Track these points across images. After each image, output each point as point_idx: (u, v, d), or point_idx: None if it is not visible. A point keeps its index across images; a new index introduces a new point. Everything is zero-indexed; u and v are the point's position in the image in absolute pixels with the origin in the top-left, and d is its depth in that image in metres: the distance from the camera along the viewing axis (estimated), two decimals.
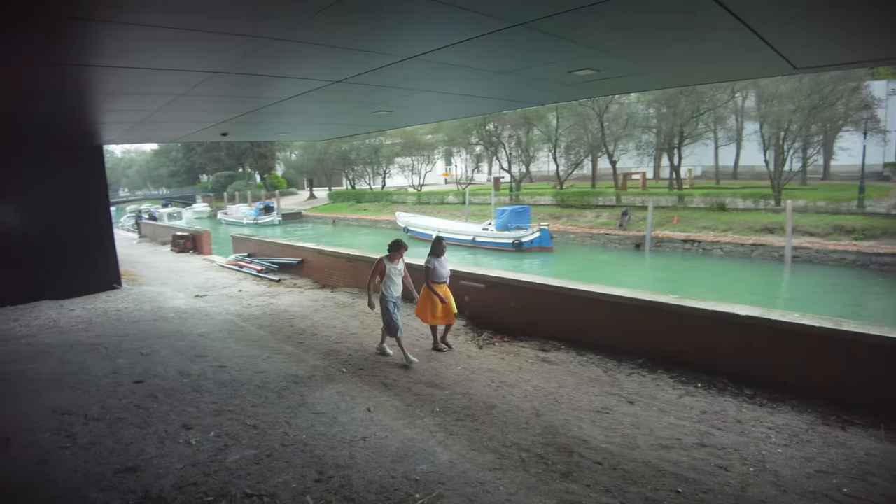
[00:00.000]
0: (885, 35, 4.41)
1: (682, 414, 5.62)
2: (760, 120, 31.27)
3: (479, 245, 29.69)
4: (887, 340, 5.39)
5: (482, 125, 42.43)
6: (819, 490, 4.28)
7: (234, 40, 4.09)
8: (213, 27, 3.72)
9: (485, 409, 5.80)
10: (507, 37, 3.94)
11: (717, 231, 26.65)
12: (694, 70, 5.94)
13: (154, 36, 3.84)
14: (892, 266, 21.10)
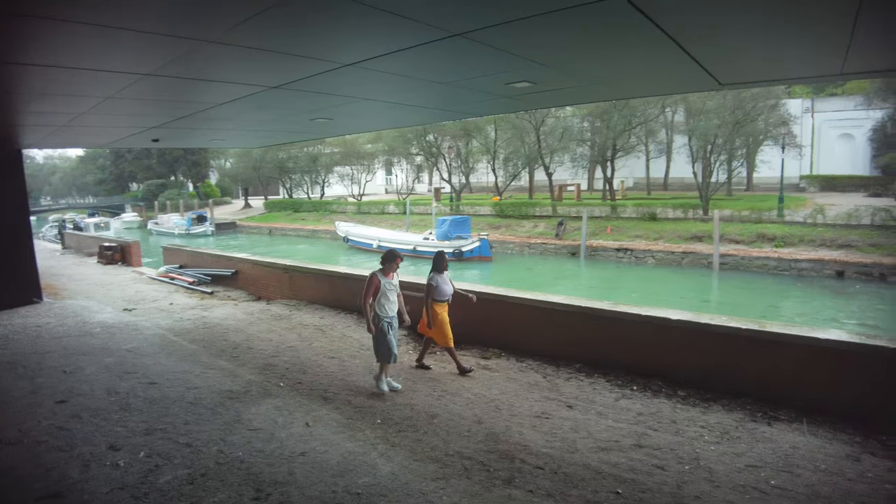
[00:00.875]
0: (802, 55, 4.72)
1: (620, 416, 5.77)
2: (689, 134, 32.82)
3: (420, 255, 29.67)
4: (808, 340, 5.75)
5: (422, 136, 42.60)
6: (749, 483, 4.49)
7: (166, 41, 3.94)
8: (142, 26, 3.57)
9: (427, 419, 5.78)
10: (447, 47, 3.96)
11: (649, 240, 27.67)
12: (627, 84, 6.15)
13: (77, 33, 3.63)
14: (809, 271, 22.68)
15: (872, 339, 5.75)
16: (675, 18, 3.56)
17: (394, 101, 6.85)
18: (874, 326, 16.84)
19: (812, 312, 18.57)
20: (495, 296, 8.16)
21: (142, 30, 3.63)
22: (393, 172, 61.24)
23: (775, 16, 3.55)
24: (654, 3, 3.23)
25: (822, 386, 5.74)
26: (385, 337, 6.54)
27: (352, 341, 8.65)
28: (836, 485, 4.49)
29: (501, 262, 28.48)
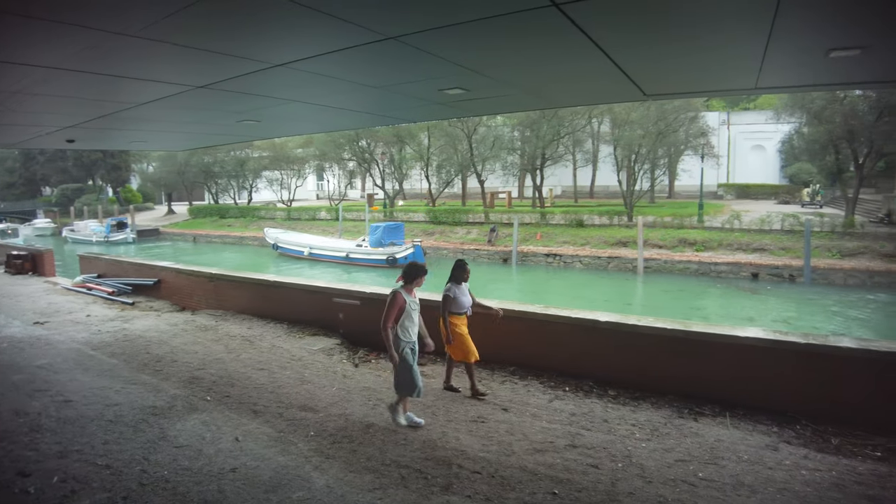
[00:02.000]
0: (721, 70, 4.98)
1: (554, 417, 5.88)
2: (614, 143, 34.17)
3: (353, 261, 29.36)
4: (727, 338, 6.08)
5: (355, 141, 42.16)
6: (678, 477, 4.68)
7: (76, 32, 3.67)
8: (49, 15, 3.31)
9: (362, 429, 5.67)
10: (380, 50, 3.93)
11: (577, 245, 28.51)
12: (557, 93, 6.29)
13: None
14: (727, 273, 24.09)
15: (784, 335, 6.15)
16: (604, 30, 3.66)
17: (325, 105, 6.72)
18: (785, 322, 18.00)
19: (731, 312, 19.64)
20: (429, 302, 8.12)
21: (49, 18, 3.37)
22: (325, 178, 60.24)
23: (696, 35, 3.72)
24: (585, 15, 3.31)
25: (741, 381, 6.07)
26: (408, 365, 5.65)
27: (282, 352, 8.41)
28: (758, 473, 4.77)
29: (436, 268, 28.29)
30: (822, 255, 23.85)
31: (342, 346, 8.71)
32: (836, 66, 4.47)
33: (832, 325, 18.00)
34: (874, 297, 21.30)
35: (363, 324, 8.87)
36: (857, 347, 5.79)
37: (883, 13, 3.32)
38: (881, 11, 3.30)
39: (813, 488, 4.54)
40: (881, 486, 4.57)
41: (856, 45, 3.84)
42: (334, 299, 9.14)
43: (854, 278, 22.64)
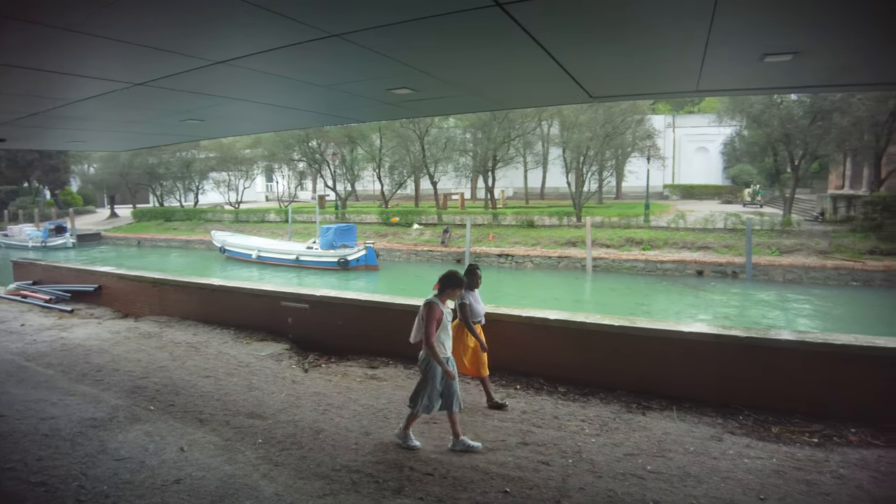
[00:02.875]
0: (663, 73, 5.10)
1: (505, 416, 5.91)
2: (563, 146, 34.74)
3: (304, 264, 28.86)
4: (672, 334, 6.26)
5: (305, 141, 41.53)
6: (628, 471, 4.77)
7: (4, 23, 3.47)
8: None
9: (312, 435, 5.56)
10: (324, 48, 3.85)
11: (528, 245, 28.89)
12: (505, 95, 6.32)
13: None
14: (673, 271, 24.85)
15: (726, 329, 6.36)
16: (548, 31, 3.69)
17: (271, 103, 6.58)
18: (727, 318, 18.65)
19: (676, 308, 20.24)
20: (381, 303, 8.08)
21: None
22: (274, 179, 59.14)
23: (636, 37, 3.79)
24: (528, 15, 3.33)
25: (686, 374, 6.25)
26: (434, 381, 5.18)
27: (228, 358, 8.18)
28: (703, 464, 4.91)
29: (389, 270, 28.37)
30: (762, 253, 24.88)
31: (291, 351, 8.54)
32: (771, 71, 4.64)
33: (768, 319, 18.77)
34: (810, 291, 22.37)
35: (313, 328, 8.74)
36: (794, 339, 6.07)
37: (811, 22, 3.46)
38: (810, 20, 3.44)
39: (755, 476, 4.71)
40: (818, 471, 4.79)
41: (788, 51, 3.99)
42: (282, 303, 8.96)
43: (792, 274, 23.73)
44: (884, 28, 3.43)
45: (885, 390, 5.74)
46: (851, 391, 5.84)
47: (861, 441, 5.42)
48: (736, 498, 4.38)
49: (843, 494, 4.43)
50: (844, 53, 4.03)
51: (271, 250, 30.72)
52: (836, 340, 6.01)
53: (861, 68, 4.51)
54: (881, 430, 5.58)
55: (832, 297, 21.67)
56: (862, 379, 5.81)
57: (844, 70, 4.47)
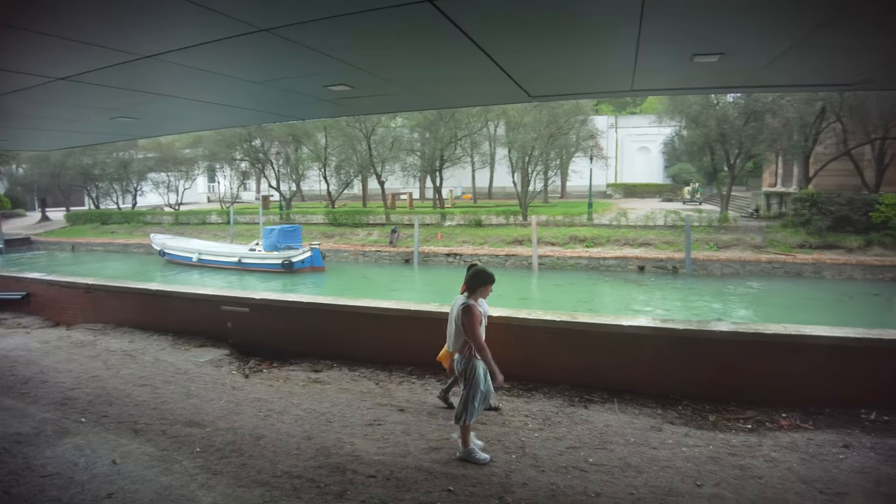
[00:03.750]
0: (598, 73, 5.19)
1: (449, 414, 5.88)
2: (509, 146, 35.12)
3: (246, 267, 28.15)
4: (613, 328, 6.39)
5: (247, 140, 40.55)
6: (570, 464, 4.84)
7: None
8: None
9: (252, 442, 5.40)
10: (255, 44, 3.73)
11: (476, 244, 29.12)
12: (444, 94, 6.29)
13: None
14: (615, 267, 25.50)
15: (664, 322, 6.54)
16: (481, 29, 3.68)
17: (206, 101, 6.35)
18: (667, 311, 19.27)
19: (619, 303, 20.77)
20: (324, 305, 7.96)
21: None
22: (216, 179, 57.51)
23: (569, 37, 3.83)
24: (461, 13, 3.31)
25: (627, 367, 6.38)
26: (480, 384, 4.88)
27: (166, 365, 7.88)
28: (644, 454, 5.03)
29: (335, 271, 28.02)
30: (701, 248, 25.84)
31: (232, 357, 8.29)
32: (701, 71, 4.77)
33: (706, 312, 19.46)
34: (746, 284, 23.38)
35: (254, 332, 8.51)
36: (728, 330, 6.30)
37: (737, 23, 3.57)
38: (736, 22, 3.54)
39: (692, 463, 4.86)
40: (751, 456, 4.99)
41: (715, 51, 4.12)
42: (222, 307, 8.70)
43: (729, 268, 24.74)
44: (802, 32, 3.56)
45: (811, 375, 6.06)
46: (782, 378, 6.12)
47: (791, 425, 5.68)
48: (674, 486, 4.50)
49: (775, 476, 4.62)
50: (767, 55, 4.18)
51: (213, 253, 29.86)
52: (767, 330, 6.29)
53: (783, 70, 4.69)
54: (810, 413, 5.87)
55: (766, 289, 22.72)
56: (791, 366, 6.10)
57: (768, 71, 4.64)
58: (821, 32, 3.49)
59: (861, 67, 4.68)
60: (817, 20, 3.29)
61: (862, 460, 4.89)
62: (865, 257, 24.15)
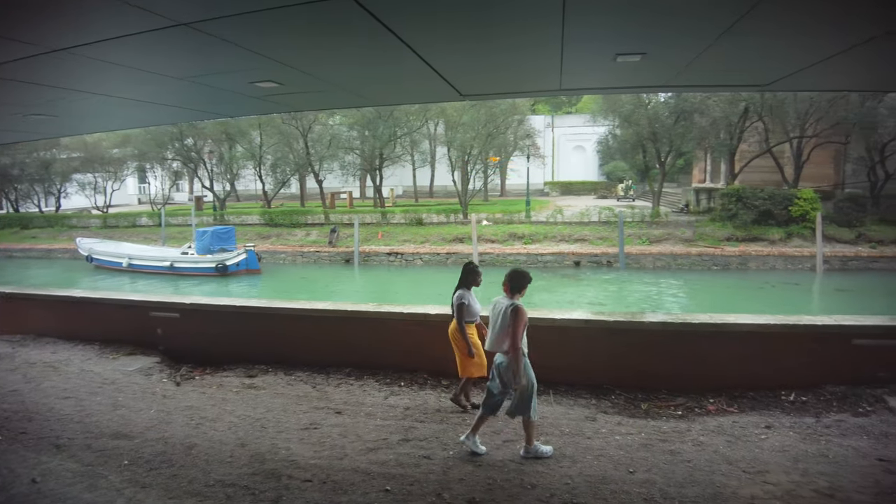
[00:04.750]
0: (527, 73, 5.26)
1: (388, 414, 5.89)
2: (448, 145, 35.26)
3: (179, 271, 27.12)
4: (548, 321, 6.58)
5: (178, 139, 39.07)
6: (507, 458, 4.93)
7: None
8: None
9: (183, 451, 5.22)
10: (173, 38, 3.58)
11: (417, 243, 29.11)
12: (374, 91, 6.21)
13: None
14: (553, 263, 26.08)
15: (596, 315, 6.75)
16: (410, 29, 3.66)
17: (127, 97, 6.06)
18: (601, 304, 19.82)
19: (555, 298, 21.24)
20: (258, 308, 7.78)
21: None
22: (146, 180, 55.15)
23: (494, 36, 3.87)
24: (387, 12, 3.28)
25: (562, 360, 6.51)
26: (533, 378, 5.02)
27: (92, 376, 7.51)
28: (578, 444, 5.18)
29: (272, 273, 27.39)
30: (634, 243, 26.73)
31: (163, 364, 7.99)
32: (626, 71, 4.91)
33: (639, 304, 20.15)
34: (677, 276, 24.35)
35: (185, 338, 8.23)
36: (657, 321, 6.56)
37: (656, 24, 3.68)
38: (655, 23, 3.66)
39: (625, 451, 5.03)
40: (681, 441, 5.21)
41: (638, 51, 4.24)
42: (151, 313, 8.38)
43: (661, 261, 25.72)
44: (716, 34, 3.71)
45: (736, 361, 6.39)
46: (709, 365, 6.43)
47: (718, 409, 5.97)
48: (608, 474, 4.64)
49: (702, 459, 4.85)
50: (686, 56, 4.34)
51: (144, 257, 28.63)
52: (694, 320, 6.60)
53: (702, 71, 4.88)
54: (735, 397, 6.18)
55: (696, 280, 23.71)
56: (717, 353, 6.41)
57: (688, 71, 4.81)
58: (732, 35, 3.64)
59: (774, 69, 4.92)
60: (727, 23, 3.44)
61: (782, 439, 5.20)
62: (786, 248, 25.59)
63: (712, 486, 4.41)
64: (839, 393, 6.12)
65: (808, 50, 4.18)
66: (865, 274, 23.96)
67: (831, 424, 5.48)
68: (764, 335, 6.39)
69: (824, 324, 6.46)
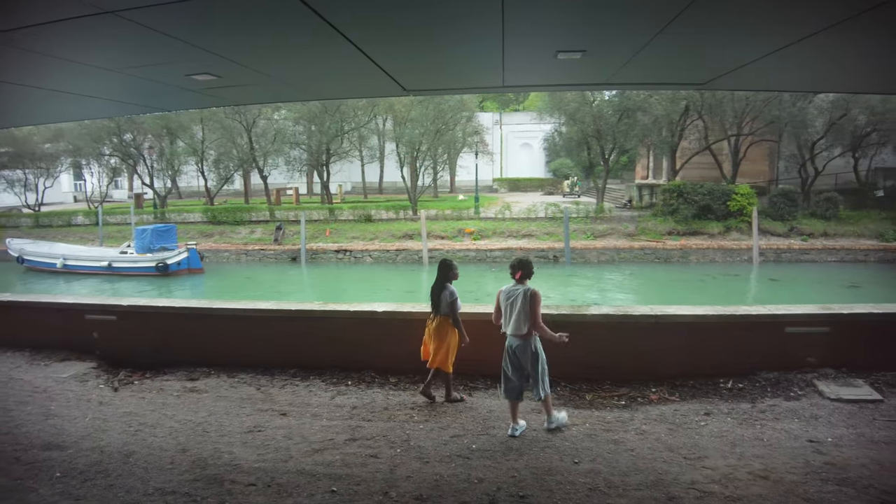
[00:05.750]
0: (470, 69, 5.27)
1: (334, 414, 5.82)
2: (396, 140, 35.10)
3: (117, 271, 26.08)
4: (487, 316, 6.48)
5: (116, 134, 37.44)
6: (454, 452, 4.93)
7: None
8: None
9: (121, 460, 4.99)
10: (101, 26, 3.41)
11: (366, 240, 28.92)
12: (319, 85, 6.12)
13: None
14: (501, 258, 26.15)
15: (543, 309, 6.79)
16: (350, 23, 3.61)
17: (55, 89, 5.74)
18: (546, 297, 20.12)
19: None
20: (199, 309, 7.55)
21: None
22: (83, 177, 52.67)
23: (435, 33, 3.86)
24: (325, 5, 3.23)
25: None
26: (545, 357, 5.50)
27: (21, 384, 7.11)
28: (524, 436, 5.26)
29: (216, 272, 26.65)
30: (579, 238, 27.35)
31: (99, 370, 7.61)
32: (567, 68, 4.97)
33: (583, 297, 20.60)
34: (620, 270, 25.08)
35: (123, 341, 7.89)
36: (598, 314, 6.72)
37: (596, 21, 3.75)
38: (594, 20, 3.72)
39: (570, 442, 5.13)
40: (624, 430, 5.35)
41: (578, 48, 4.30)
42: (87, 316, 8.00)
43: (605, 255, 26.40)
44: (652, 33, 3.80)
45: (676, 351, 6.63)
46: (650, 355, 6.63)
47: (660, 398, 6.15)
48: (553, 465, 4.72)
49: (645, 448, 4.99)
50: (624, 54, 4.44)
51: (80, 258, 27.37)
52: (635, 311, 6.78)
53: (641, 69, 5.00)
54: (676, 386, 6.39)
55: (638, 274, 24.41)
56: (658, 343, 6.61)
57: (627, 69, 4.92)
58: (668, 34, 3.74)
59: (711, 68, 5.09)
60: (664, 22, 3.53)
61: (720, 425, 5.40)
62: (725, 241, 26.67)
63: (654, 474, 4.54)
64: (773, 379, 6.41)
65: (742, 50, 4.35)
66: (797, 265, 25.29)
67: (766, 409, 5.73)
68: (702, 325, 6.63)
69: (759, 313, 6.76)
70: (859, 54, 4.39)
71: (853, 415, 5.56)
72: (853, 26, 3.40)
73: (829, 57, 4.49)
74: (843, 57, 4.49)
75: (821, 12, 3.32)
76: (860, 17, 3.20)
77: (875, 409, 5.69)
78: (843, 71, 5.20)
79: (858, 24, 3.36)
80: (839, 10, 3.22)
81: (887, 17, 3.28)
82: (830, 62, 4.75)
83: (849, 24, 3.36)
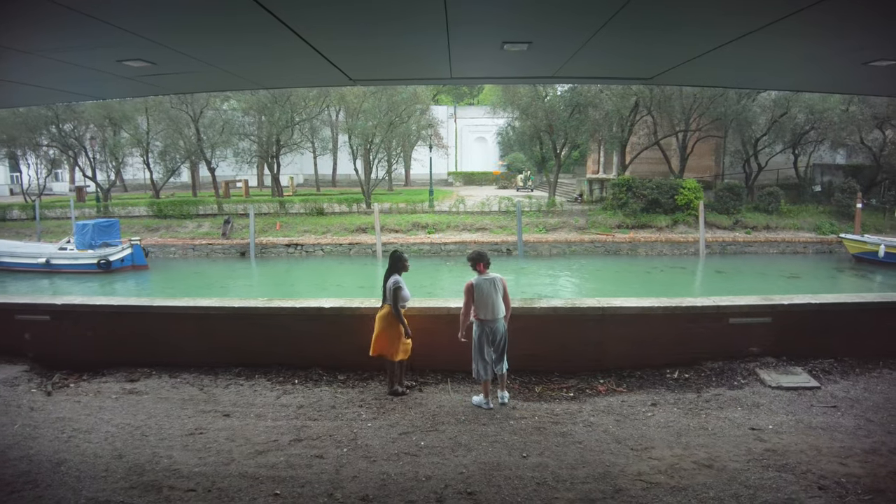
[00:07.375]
0: (418, 60, 5.18)
1: (279, 414, 5.67)
2: (349, 132, 34.59)
3: (56, 268, 24.89)
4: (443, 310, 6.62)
5: (55, 123, 35.63)
6: (402, 450, 4.87)
7: None
8: None
9: (51, 469, 4.73)
10: (18, 6, 3.19)
11: (318, 234, 28.49)
12: (261, 74, 5.90)
13: None
14: (455, 252, 26.29)
15: None
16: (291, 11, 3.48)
17: None
18: None
19: (456, 287, 21.42)
20: (139, 308, 7.24)
21: None
22: (19, 169, 50.03)
23: (378, 21, 3.76)
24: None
25: (458, 347, 6.46)
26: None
27: None
28: (473, 431, 5.22)
29: (161, 269, 25.77)
30: (531, 231, 27.64)
31: (31, 373, 7.17)
32: (513, 60, 4.93)
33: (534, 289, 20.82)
34: (571, 262, 25.45)
35: (58, 343, 7.48)
36: (547, 307, 6.78)
37: (540, 12, 3.70)
38: (539, 11, 3.68)
39: (519, 436, 5.14)
40: (572, 422, 5.41)
41: (524, 39, 4.26)
42: (17, 316, 7.57)
43: (556, 248, 26.81)
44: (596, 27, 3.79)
45: (623, 342, 6.74)
46: (597, 347, 6.73)
47: (608, 390, 6.24)
48: (502, 459, 4.72)
49: (593, 440, 5.05)
50: (570, 47, 4.42)
51: (14, 254, 25.97)
52: (582, 304, 6.85)
53: (587, 62, 5.00)
54: (623, 377, 6.50)
55: (588, 266, 24.86)
56: (605, 335, 6.70)
57: (573, 62, 4.91)
58: (613, 28, 3.73)
59: (656, 62, 5.14)
60: (607, 15, 3.51)
61: (666, 416, 5.51)
62: (672, 235, 27.39)
63: (602, 466, 4.59)
64: (717, 368, 6.59)
65: (686, 45, 4.40)
66: (741, 257, 26.23)
67: (710, 398, 5.88)
68: (648, 317, 6.75)
69: (703, 305, 6.94)
70: (800, 53, 4.50)
71: (792, 402, 5.75)
72: (794, 23, 3.46)
73: (772, 55, 4.59)
74: (786, 54, 4.59)
75: (761, 9, 3.36)
76: (801, 13, 3.25)
77: (813, 395, 5.91)
78: (785, 68, 5.33)
79: (799, 21, 3.42)
80: (780, 7, 3.27)
81: (826, 16, 3.35)
82: (773, 59, 4.85)
83: (790, 22, 3.42)
